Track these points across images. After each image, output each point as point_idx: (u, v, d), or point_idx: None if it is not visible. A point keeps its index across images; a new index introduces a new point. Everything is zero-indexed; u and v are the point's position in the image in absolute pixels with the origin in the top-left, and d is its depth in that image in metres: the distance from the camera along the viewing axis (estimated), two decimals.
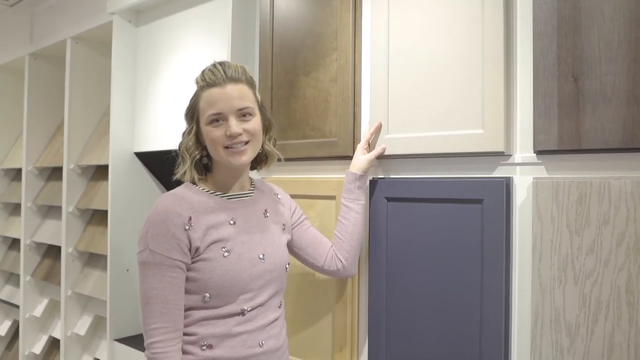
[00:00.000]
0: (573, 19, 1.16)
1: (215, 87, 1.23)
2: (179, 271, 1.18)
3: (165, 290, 1.17)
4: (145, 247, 1.18)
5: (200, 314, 1.21)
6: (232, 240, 1.23)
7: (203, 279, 1.19)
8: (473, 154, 1.31)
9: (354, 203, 1.45)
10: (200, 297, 1.20)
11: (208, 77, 1.23)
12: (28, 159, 3.06)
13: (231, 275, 1.20)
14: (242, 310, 1.22)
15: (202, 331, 1.20)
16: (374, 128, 1.47)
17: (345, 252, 1.44)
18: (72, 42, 2.67)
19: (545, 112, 1.19)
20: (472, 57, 1.31)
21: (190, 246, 1.19)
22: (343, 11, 1.55)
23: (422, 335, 1.38)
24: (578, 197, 1.14)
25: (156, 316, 1.16)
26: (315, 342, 1.61)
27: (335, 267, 1.44)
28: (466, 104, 1.32)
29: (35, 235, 3.06)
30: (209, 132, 1.23)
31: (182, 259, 1.18)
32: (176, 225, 1.17)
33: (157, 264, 1.16)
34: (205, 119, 1.23)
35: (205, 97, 1.24)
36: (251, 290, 1.24)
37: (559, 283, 1.17)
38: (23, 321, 3.01)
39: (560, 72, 1.18)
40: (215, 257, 1.20)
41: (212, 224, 1.22)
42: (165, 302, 1.16)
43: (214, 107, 1.22)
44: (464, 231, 1.31)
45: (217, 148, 1.23)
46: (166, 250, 1.16)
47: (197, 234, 1.19)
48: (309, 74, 1.63)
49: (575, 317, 1.14)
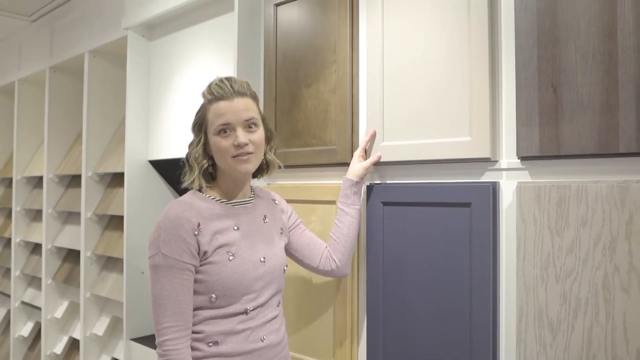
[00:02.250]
0: (552, 32, 1.24)
1: (223, 100, 1.31)
2: (189, 273, 1.25)
3: (176, 291, 1.24)
4: (157, 251, 1.25)
5: (206, 313, 1.28)
6: (236, 244, 1.31)
7: (210, 281, 1.27)
8: (462, 160, 1.38)
9: (350, 207, 1.54)
10: (207, 297, 1.28)
11: (216, 91, 1.32)
12: (49, 167, 3.16)
13: (236, 277, 1.28)
14: (245, 309, 1.30)
15: (209, 329, 1.28)
16: (369, 136, 1.56)
17: (340, 254, 1.53)
18: (89, 56, 2.78)
19: (527, 121, 1.27)
20: (460, 69, 1.39)
21: (199, 250, 1.26)
22: (341, 26, 1.64)
23: (416, 330, 1.45)
24: (558, 200, 1.21)
25: (168, 315, 1.23)
26: (317, 339, 1.69)
27: (329, 267, 1.53)
28: (455, 113, 1.39)
29: (55, 240, 3.16)
30: (218, 142, 1.31)
31: (192, 262, 1.25)
32: (186, 231, 1.25)
33: (168, 266, 1.24)
34: (213, 130, 1.31)
35: (213, 109, 1.32)
36: (254, 291, 1.32)
37: (541, 281, 1.23)
38: (45, 322, 3.10)
39: (540, 82, 1.25)
40: (222, 260, 1.28)
41: (218, 229, 1.30)
42: (177, 302, 1.24)
43: (222, 119, 1.30)
44: (454, 233, 1.38)
45: (225, 157, 1.31)
46: (177, 254, 1.24)
47: (205, 239, 1.27)
48: (310, 85, 1.72)
49: (556, 313, 1.21)
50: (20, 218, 3.56)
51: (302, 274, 1.72)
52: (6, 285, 3.76)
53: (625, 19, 1.13)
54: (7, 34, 3.74)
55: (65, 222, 3.22)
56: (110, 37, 2.62)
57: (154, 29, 2.43)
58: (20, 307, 3.52)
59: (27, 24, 3.48)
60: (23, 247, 3.56)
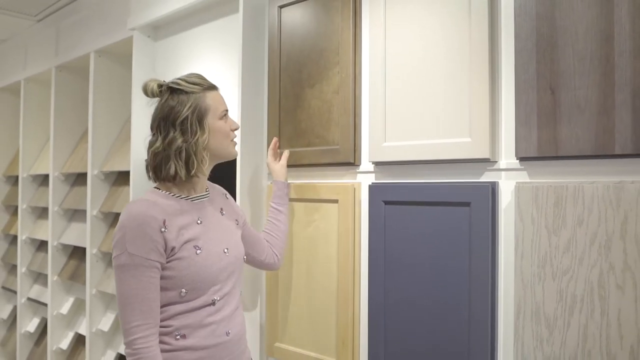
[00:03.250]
0: (550, 36, 1.27)
1: (215, 90, 1.41)
2: (156, 271, 1.26)
3: (144, 289, 1.24)
4: (123, 251, 1.24)
5: (176, 308, 1.30)
6: (202, 238, 1.34)
7: (179, 276, 1.29)
8: (462, 160, 1.42)
9: (283, 207, 1.71)
10: (176, 292, 1.29)
11: (204, 82, 1.38)
12: (55, 166, 3.19)
13: (204, 270, 1.31)
14: (213, 300, 1.34)
15: (177, 323, 1.30)
16: (273, 143, 1.78)
17: (280, 248, 1.69)
18: (95, 55, 2.81)
19: (526, 122, 1.30)
20: (460, 71, 1.42)
21: (166, 247, 1.27)
22: (344, 28, 1.67)
23: (417, 327, 1.48)
24: (555, 200, 1.24)
25: (136, 314, 1.24)
26: (321, 337, 1.73)
27: (272, 261, 1.67)
28: (455, 114, 1.42)
29: (61, 237, 3.19)
30: (222, 126, 1.39)
31: (159, 259, 1.26)
32: (153, 229, 1.25)
33: (135, 265, 1.24)
34: (218, 115, 1.38)
35: (211, 96, 1.38)
36: (219, 282, 1.36)
37: (538, 279, 1.27)
38: (51, 318, 3.13)
39: (539, 85, 1.28)
40: (189, 255, 1.30)
41: (182, 225, 1.32)
42: (145, 301, 1.24)
43: (223, 105, 1.41)
44: (454, 232, 1.42)
45: (226, 140, 1.41)
46: (144, 252, 1.24)
47: (172, 235, 1.28)
48: (313, 86, 1.76)
49: (553, 310, 1.24)
50: (27, 215, 3.58)
51: (306, 273, 1.76)
52: (12, 281, 3.79)
53: (622, 24, 1.16)
54: (13, 34, 3.76)
55: (71, 220, 3.25)
56: (115, 37, 2.65)
57: (159, 30, 2.47)
58: (26, 303, 3.55)
59: (33, 24, 3.50)
60: (29, 244, 3.59)
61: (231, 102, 2.00)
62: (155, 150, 1.35)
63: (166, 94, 1.37)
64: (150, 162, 1.37)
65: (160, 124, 1.35)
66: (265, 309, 1.93)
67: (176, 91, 1.36)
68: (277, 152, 1.80)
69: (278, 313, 1.87)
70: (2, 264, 3.98)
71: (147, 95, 1.39)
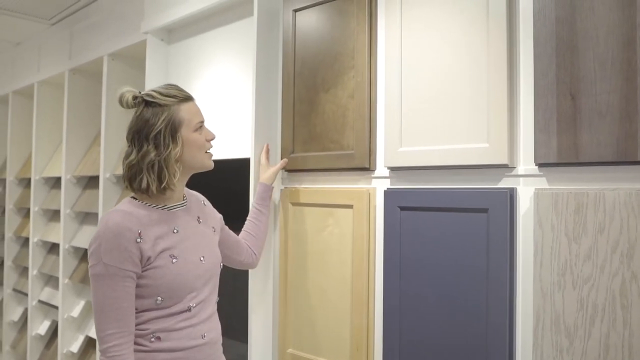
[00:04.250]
0: (570, 41, 1.25)
1: (190, 101, 1.40)
2: (131, 280, 1.28)
3: (119, 298, 1.27)
4: (98, 261, 1.27)
5: (152, 314, 1.32)
6: (177, 247, 1.36)
7: (154, 285, 1.30)
8: (479, 166, 1.40)
9: (265, 208, 1.79)
10: (152, 300, 1.31)
11: (179, 94, 1.38)
12: (67, 168, 3.20)
13: (180, 278, 1.33)
14: (189, 307, 1.36)
15: (152, 327, 1.32)
16: (265, 150, 1.87)
17: (259, 247, 1.76)
18: (108, 59, 2.82)
19: (545, 128, 1.28)
20: (478, 75, 1.40)
21: (142, 257, 1.29)
22: (359, 32, 1.66)
23: (433, 335, 1.46)
24: (576, 207, 1.22)
25: (111, 322, 1.26)
26: (335, 343, 1.71)
27: (251, 260, 1.72)
28: (472, 120, 1.41)
29: (73, 240, 3.20)
30: (197, 138, 1.39)
31: (134, 269, 1.28)
32: (128, 240, 1.27)
33: (110, 275, 1.26)
34: (192, 127, 1.37)
35: (186, 108, 1.37)
36: (196, 289, 1.38)
37: (558, 287, 1.24)
38: (62, 321, 3.14)
39: (559, 90, 1.26)
40: (165, 264, 1.32)
41: (158, 234, 1.33)
42: (120, 309, 1.27)
43: (199, 116, 1.40)
44: (471, 238, 1.40)
45: (200, 153, 1.40)
46: (119, 262, 1.26)
47: (147, 245, 1.30)
48: (328, 90, 1.74)
49: (573, 319, 1.22)
50: (38, 218, 3.59)
51: (319, 278, 1.74)
52: (24, 284, 3.80)
53: None
54: (27, 37, 3.79)
55: (83, 223, 3.26)
56: (129, 40, 2.66)
57: (173, 33, 2.46)
58: (37, 306, 3.56)
59: (47, 27, 3.52)
60: (40, 246, 3.60)
61: (245, 106, 2.00)
62: (129, 163, 1.35)
63: (141, 105, 1.36)
64: (125, 173, 1.37)
65: (134, 136, 1.35)
66: (277, 315, 1.91)
67: (150, 104, 1.35)
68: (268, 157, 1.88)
69: (290, 319, 1.85)
70: (14, 267, 3.99)
71: (122, 106, 1.37)
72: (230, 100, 2.12)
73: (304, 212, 1.82)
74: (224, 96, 2.15)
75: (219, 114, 2.13)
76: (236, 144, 2.05)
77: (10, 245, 3.99)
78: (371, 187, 1.65)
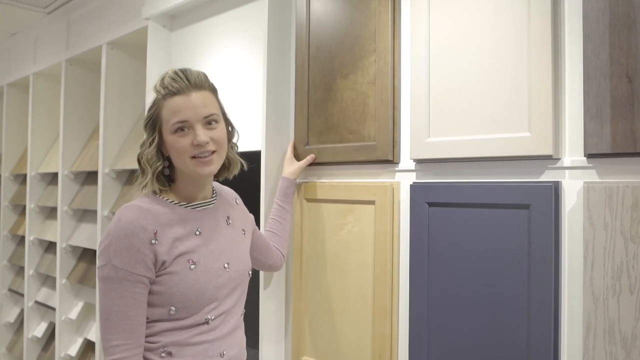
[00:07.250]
0: (626, 16, 1.11)
1: (178, 95, 1.19)
2: (142, 286, 1.15)
3: (127, 306, 1.13)
4: (107, 262, 1.14)
5: (165, 325, 1.18)
6: (197, 251, 1.21)
7: (169, 293, 1.17)
8: (519, 157, 1.27)
9: (289, 205, 1.67)
10: (165, 310, 1.17)
11: (170, 85, 1.20)
12: (64, 164, 3.10)
13: (197, 287, 1.18)
14: (207, 319, 1.21)
15: (164, 340, 1.18)
16: (290, 145, 1.75)
17: (285, 248, 1.65)
18: (107, 48, 2.70)
19: (596, 114, 1.15)
20: (517, 57, 1.27)
21: (156, 261, 1.15)
22: (382, 12, 1.52)
23: (466, 345, 1.33)
24: (633, 202, 1.09)
25: (117, 333, 1.13)
26: (355, 351, 1.58)
27: (279, 262, 1.62)
28: (512, 106, 1.27)
29: (70, 238, 3.10)
30: (175, 141, 1.19)
31: (146, 274, 1.15)
32: (141, 240, 1.14)
33: (119, 279, 1.13)
34: (169, 129, 1.19)
35: (168, 105, 1.20)
36: (216, 300, 1.23)
37: (613, 292, 1.11)
38: (59, 323, 3.04)
39: (613, 72, 1.13)
40: (182, 270, 1.17)
41: (177, 236, 1.19)
42: (127, 319, 1.13)
43: (178, 116, 1.19)
44: (510, 237, 1.26)
45: (183, 158, 1.20)
46: (130, 266, 1.13)
47: (164, 248, 1.16)
48: (346, 76, 1.61)
49: (631, 328, 1.09)
50: (34, 215, 3.49)
51: (337, 280, 1.61)
52: (19, 284, 3.70)
53: None
54: (22, 27, 3.67)
55: (81, 220, 3.15)
56: (129, 28, 2.53)
57: (175, 19, 2.33)
58: (34, 307, 3.45)
59: (43, 16, 3.41)
60: (37, 245, 3.51)
61: (254, 96, 1.86)
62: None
63: None
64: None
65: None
66: (290, 320, 1.78)
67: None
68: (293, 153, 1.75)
69: (305, 325, 1.72)
70: (9, 266, 3.89)
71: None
72: (239, 89, 1.98)
73: (321, 209, 1.69)
74: (232, 85, 2.01)
75: (227, 105, 1.99)
76: (246, 137, 1.90)
77: (6, 243, 3.89)
78: (395, 182, 1.52)
